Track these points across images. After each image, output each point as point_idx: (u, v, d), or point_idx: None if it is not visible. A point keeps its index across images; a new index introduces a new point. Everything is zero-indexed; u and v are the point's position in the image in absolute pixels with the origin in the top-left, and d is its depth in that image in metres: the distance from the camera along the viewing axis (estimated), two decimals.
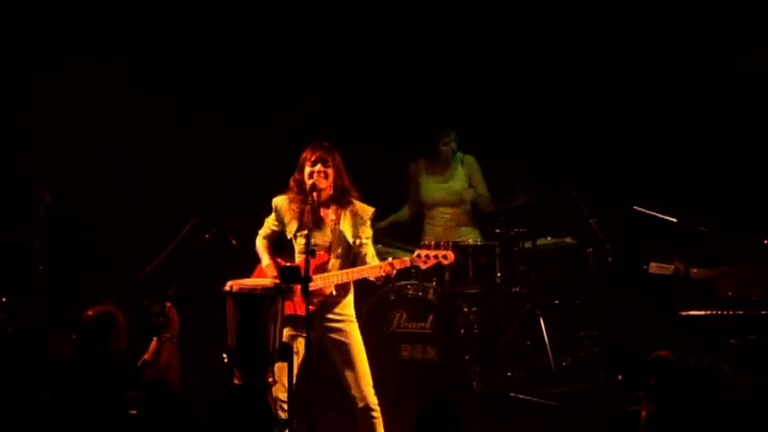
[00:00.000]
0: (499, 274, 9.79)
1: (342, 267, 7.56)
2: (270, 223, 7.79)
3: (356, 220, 7.62)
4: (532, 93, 10.58)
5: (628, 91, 10.48)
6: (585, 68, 10.61)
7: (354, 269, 7.58)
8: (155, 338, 6.99)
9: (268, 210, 7.79)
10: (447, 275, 9.75)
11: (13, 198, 8.92)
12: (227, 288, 7.29)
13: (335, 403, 8.08)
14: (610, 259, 9.80)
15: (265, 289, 7.29)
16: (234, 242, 7.75)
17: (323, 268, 7.54)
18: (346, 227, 7.59)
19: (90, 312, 6.85)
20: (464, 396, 9.24)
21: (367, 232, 7.66)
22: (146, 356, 6.97)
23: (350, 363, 7.54)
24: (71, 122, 10.04)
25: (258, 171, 10.21)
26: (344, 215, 7.60)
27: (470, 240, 9.96)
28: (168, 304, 7.01)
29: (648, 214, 9.29)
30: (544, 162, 10.38)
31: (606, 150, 10.44)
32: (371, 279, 7.64)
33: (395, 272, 7.60)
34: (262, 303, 7.21)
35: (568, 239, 10.21)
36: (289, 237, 7.67)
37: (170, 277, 7.36)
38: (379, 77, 10.60)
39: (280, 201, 7.73)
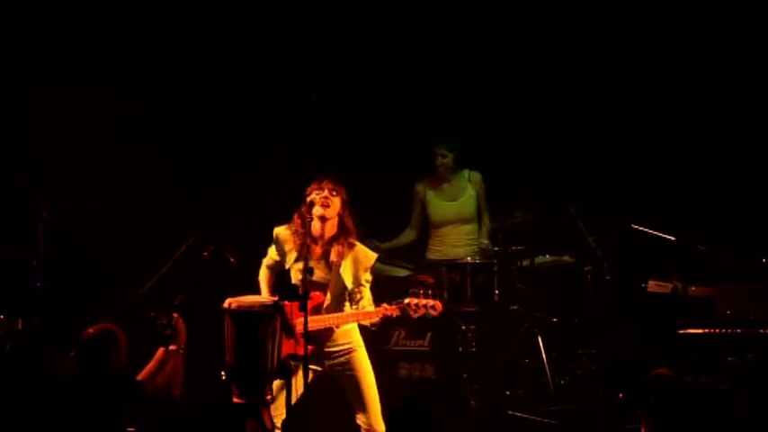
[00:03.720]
0: (497, 293, 9.79)
1: (335, 308, 7.57)
2: (272, 253, 7.78)
3: (357, 265, 7.61)
4: (531, 110, 10.57)
5: (628, 108, 10.47)
6: (585, 85, 10.62)
7: (348, 314, 7.58)
8: (161, 348, 6.95)
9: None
10: (445, 294, 9.74)
11: (10, 215, 8.90)
12: (225, 305, 7.29)
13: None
14: (608, 277, 9.77)
15: (263, 306, 7.29)
16: (232, 259, 7.74)
17: (318, 309, 7.53)
18: (347, 270, 7.58)
19: (90, 330, 6.82)
20: (462, 414, 9.23)
21: (366, 276, 7.66)
22: (150, 366, 6.92)
23: (357, 389, 7.55)
24: (69, 139, 10.02)
25: (257, 189, 10.23)
26: (347, 258, 7.60)
27: (468, 258, 9.96)
28: (176, 315, 6.98)
29: (647, 232, 9.30)
30: (542, 180, 10.38)
31: (604, 168, 10.43)
32: (365, 324, 7.66)
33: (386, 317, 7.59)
34: (260, 321, 7.21)
35: (567, 257, 10.21)
36: (287, 266, 7.67)
37: (169, 294, 7.36)
38: (378, 95, 10.60)
39: (281, 231, 7.72)
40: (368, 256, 7.66)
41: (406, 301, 7.56)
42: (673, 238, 9.21)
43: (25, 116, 10.05)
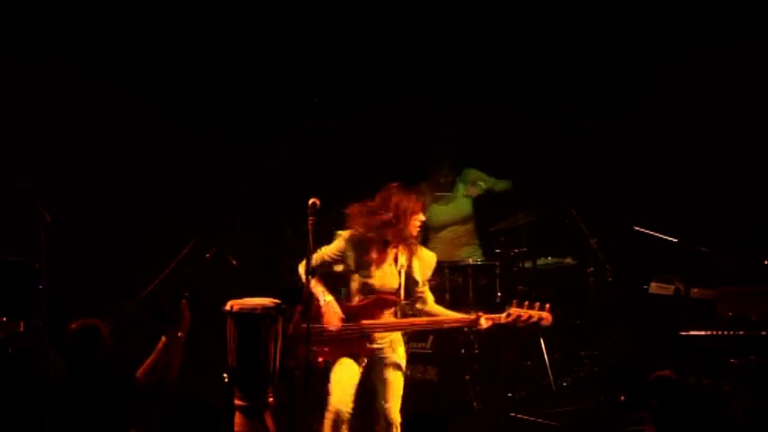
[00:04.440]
0: (499, 294, 9.77)
1: (404, 315, 7.68)
2: (329, 253, 7.76)
3: (423, 265, 7.70)
4: (533, 112, 10.58)
5: (629, 109, 10.47)
6: (586, 88, 10.61)
7: (439, 318, 7.68)
8: (163, 338, 6.88)
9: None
10: (447, 295, 9.74)
11: (12, 218, 8.90)
12: (227, 308, 7.28)
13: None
14: (610, 279, 9.77)
15: (265, 308, 7.28)
16: (234, 261, 7.74)
17: (385, 313, 7.57)
18: (417, 272, 7.64)
19: (73, 326, 6.78)
20: (464, 416, 9.22)
21: (428, 276, 7.74)
22: (151, 358, 6.87)
23: (383, 377, 7.59)
24: (71, 142, 10.03)
25: (258, 192, 10.21)
26: (414, 260, 7.65)
27: (470, 260, 9.95)
28: (183, 301, 6.91)
29: (649, 234, 9.29)
30: (544, 182, 10.38)
31: (606, 170, 10.44)
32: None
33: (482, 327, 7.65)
34: (262, 323, 7.21)
35: (569, 259, 10.23)
36: (353, 274, 7.67)
37: (170, 296, 7.34)
38: (378, 99, 10.61)
39: (350, 235, 7.69)
40: (431, 256, 7.77)
41: (507, 311, 7.62)
42: (675, 240, 9.20)
43: (26, 118, 10.06)
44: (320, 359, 7.52)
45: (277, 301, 7.38)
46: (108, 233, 10.01)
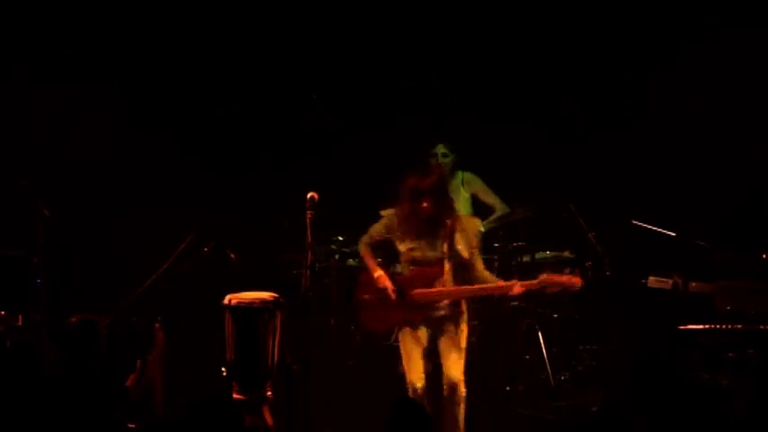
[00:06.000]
0: None
1: (455, 282, 7.67)
2: (375, 233, 7.91)
3: (465, 236, 7.72)
4: (530, 108, 10.59)
5: (627, 105, 10.48)
6: (584, 84, 10.63)
7: (474, 287, 7.71)
8: (139, 361, 6.90)
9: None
10: None
11: (11, 213, 8.93)
12: (225, 302, 7.29)
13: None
14: (608, 273, 9.78)
15: (264, 302, 7.29)
16: (232, 256, 7.76)
17: (433, 282, 7.61)
18: (460, 242, 7.69)
19: (73, 319, 6.78)
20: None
21: (476, 242, 7.76)
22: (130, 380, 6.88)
23: (441, 345, 7.69)
24: (71, 142, 10.05)
25: (257, 187, 10.25)
26: (456, 232, 7.71)
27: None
28: (157, 325, 6.94)
29: (647, 228, 9.30)
30: (542, 176, 10.39)
31: (604, 164, 10.44)
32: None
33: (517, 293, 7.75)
34: (260, 317, 7.22)
35: (567, 253, 10.19)
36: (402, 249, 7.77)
37: (168, 292, 7.37)
38: (377, 94, 10.62)
39: (394, 212, 7.83)
40: (473, 223, 7.87)
41: (543, 276, 7.67)
42: (673, 234, 9.21)
43: (26, 118, 10.09)
44: (377, 326, 7.75)
45: (275, 294, 7.40)
46: (106, 230, 10.02)
